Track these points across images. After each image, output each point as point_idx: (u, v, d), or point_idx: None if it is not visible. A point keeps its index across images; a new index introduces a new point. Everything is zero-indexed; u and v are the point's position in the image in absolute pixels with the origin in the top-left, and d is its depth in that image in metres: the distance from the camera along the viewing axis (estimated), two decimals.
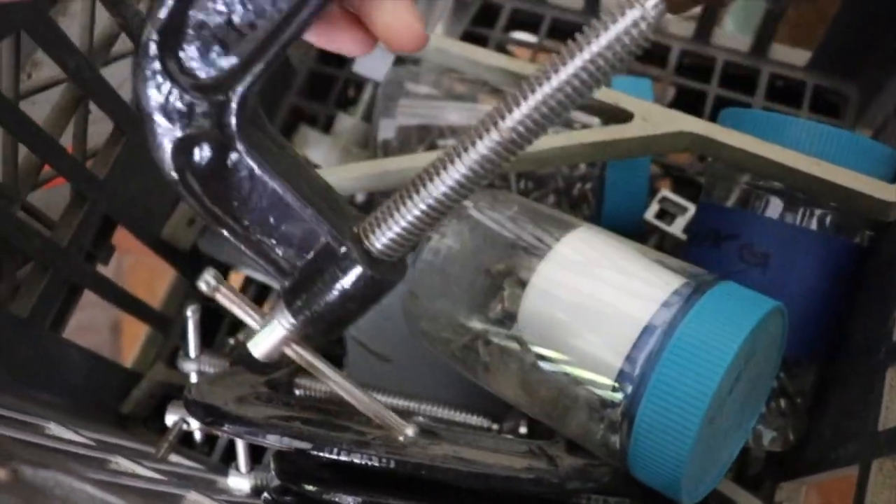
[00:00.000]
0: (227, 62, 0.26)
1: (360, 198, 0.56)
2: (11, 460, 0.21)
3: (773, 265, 0.37)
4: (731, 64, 0.56)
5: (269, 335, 0.29)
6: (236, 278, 0.53)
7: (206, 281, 0.29)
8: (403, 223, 0.27)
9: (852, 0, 0.50)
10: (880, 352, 0.33)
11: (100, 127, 0.42)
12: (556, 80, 0.24)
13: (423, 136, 0.46)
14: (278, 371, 0.42)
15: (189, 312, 0.43)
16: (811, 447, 0.39)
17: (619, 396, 0.31)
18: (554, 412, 0.34)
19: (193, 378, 0.44)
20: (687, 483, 0.31)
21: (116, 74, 0.44)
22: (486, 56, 0.44)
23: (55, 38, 0.34)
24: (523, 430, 0.40)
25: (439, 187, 0.26)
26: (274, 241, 0.29)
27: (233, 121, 0.27)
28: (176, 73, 0.26)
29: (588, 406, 0.32)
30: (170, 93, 0.26)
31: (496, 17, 0.59)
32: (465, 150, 0.25)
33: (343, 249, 0.27)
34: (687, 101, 0.57)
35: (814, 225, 0.37)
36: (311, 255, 0.28)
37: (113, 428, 0.45)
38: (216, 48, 0.26)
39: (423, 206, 0.26)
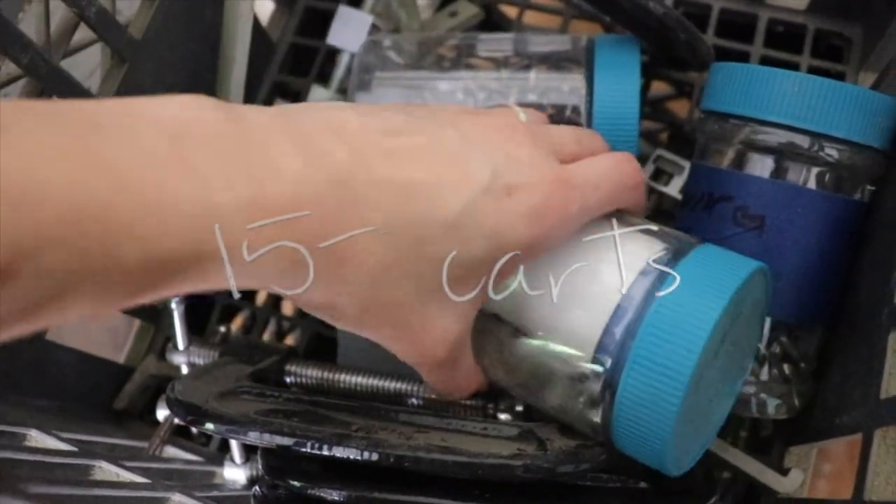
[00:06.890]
0: None
1: None
2: None
3: (769, 228, 0.35)
4: (727, 11, 0.53)
5: None
6: None
7: None
8: None
9: None
10: (882, 315, 0.32)
11: None
12: None
13: None
14: (266, 360, 0.41)
15: (173, 304, 0.42)
16: (817, 413, 0.37)
17: (598, 370, 0.30)
18: (534, 388, 0.33)
19: (184, 370, 0.43)
20: (674, 452, 0.30)
21: (84, 63, 0.42)
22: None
23: (2, 33, 0.32)
24: (519, 407, 0.39)
25: None
26: None
27: None
28: None
29: (567, 381, 0.31)
30: None
31: None
32: None
33: None
34: None
35: (811, 183, 0.35)
36: None
37: (109, 425, 0.45)
38: None
39: None
